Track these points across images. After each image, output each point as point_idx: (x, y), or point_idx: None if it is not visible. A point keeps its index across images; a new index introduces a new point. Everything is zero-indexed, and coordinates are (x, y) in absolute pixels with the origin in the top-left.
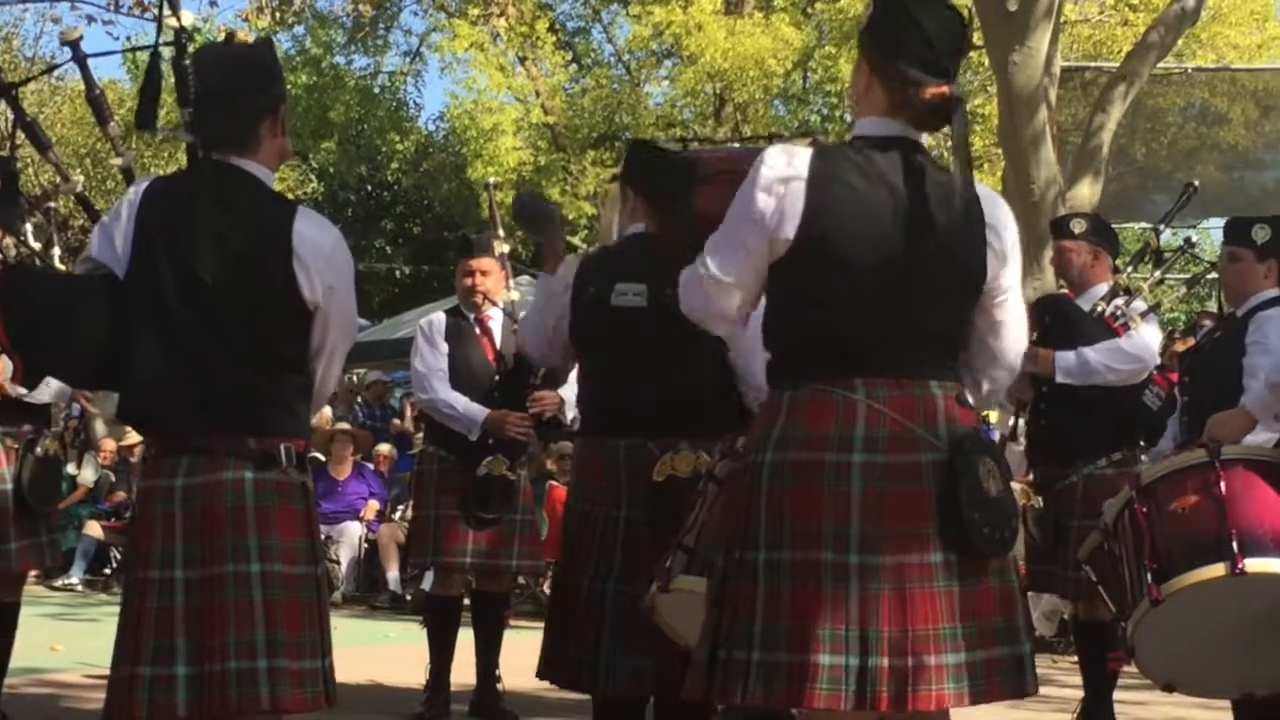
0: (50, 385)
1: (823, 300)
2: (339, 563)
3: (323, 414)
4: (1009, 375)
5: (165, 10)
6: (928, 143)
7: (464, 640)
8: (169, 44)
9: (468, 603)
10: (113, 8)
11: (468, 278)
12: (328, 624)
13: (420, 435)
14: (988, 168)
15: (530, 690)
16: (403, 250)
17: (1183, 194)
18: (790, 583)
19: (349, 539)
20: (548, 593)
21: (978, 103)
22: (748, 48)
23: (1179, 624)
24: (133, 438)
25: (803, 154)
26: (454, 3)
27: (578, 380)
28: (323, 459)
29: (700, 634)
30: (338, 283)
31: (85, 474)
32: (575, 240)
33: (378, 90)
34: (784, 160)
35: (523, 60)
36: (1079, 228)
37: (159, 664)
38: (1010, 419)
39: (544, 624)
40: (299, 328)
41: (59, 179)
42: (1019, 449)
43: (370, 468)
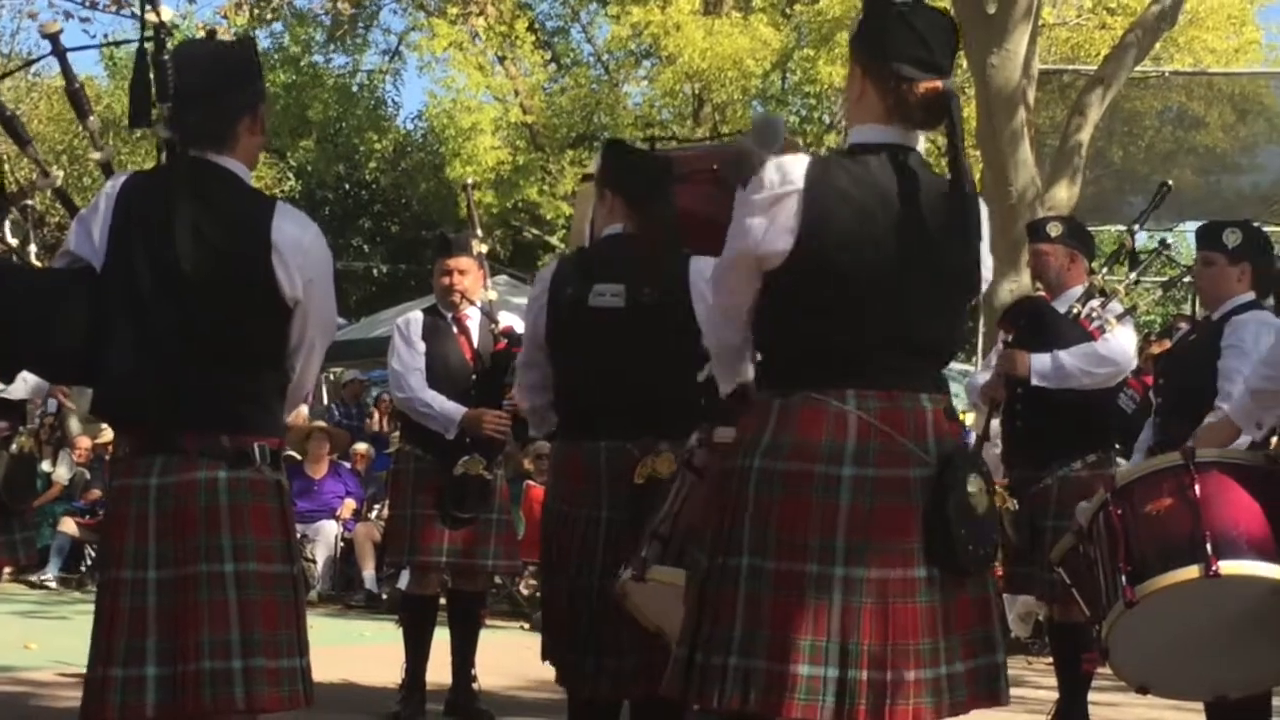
0: (26, 381)
1: (817, 309)
2: (315, 562)
3: (299, 412)
4: None
5: (146, 6)
6: (926, 149)
7: (440, 639)
8: (148, 39)
9: (444, 602)
10: (90, 4)
11: (445, 277)
12: (304, 622)
13: (396, 434)
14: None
15: (506, 689)
16: (380, 249)
17: (1157, 194)
18: (772, 592)
19: (325, 538)
20: (524, 593)
21: None
22: (726, 48)
23: (1153, 626)
24: (108, 435)
25: (798, 164)
26: (433, 2)
27: (554, 382)
28: (299, 458)
29: (680, 633)
30: (317, 278)
31: (60, 471)
32: (553, 240)
33: (356, 89)
34: (778, 177)
35: (501, 60)
36: (1055, 231)
37: (130, 665)
38: (984, 420)
39: (542, 621)
40: (278, 324)
41: (37, 175)
42: (996, 450)
43: (347, 467)
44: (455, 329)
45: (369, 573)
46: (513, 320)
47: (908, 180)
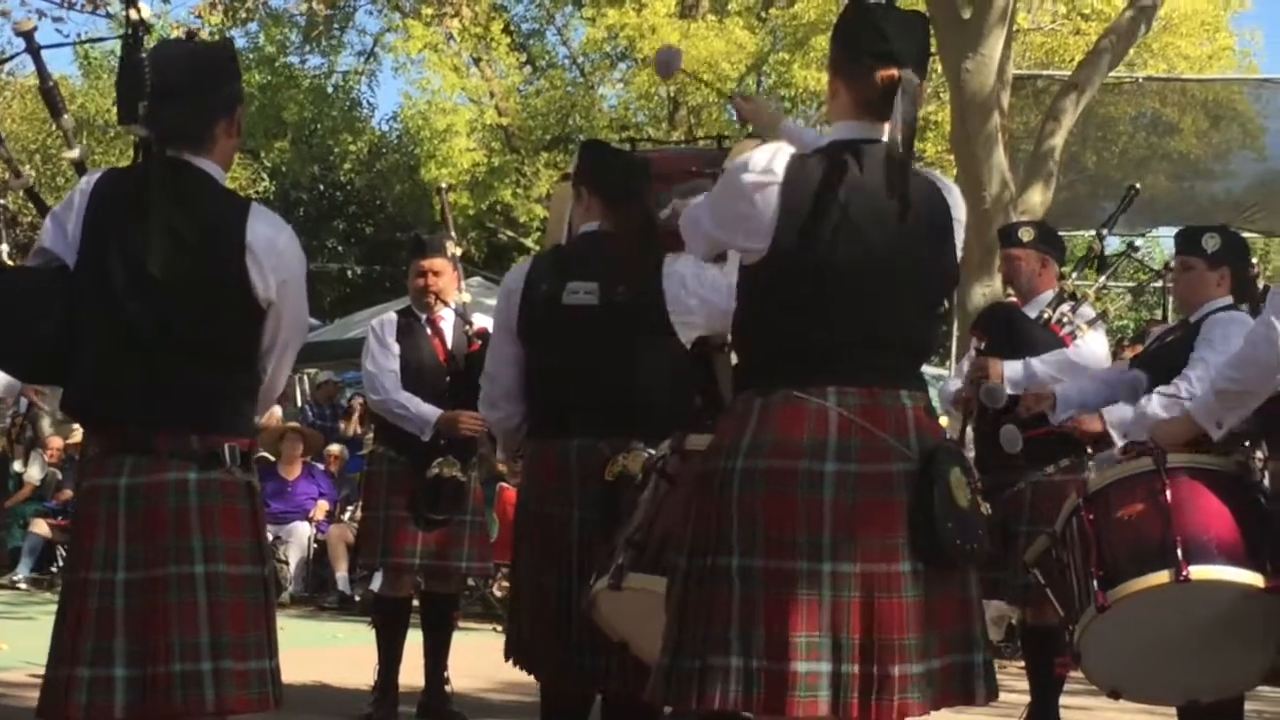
0: None
1: (794, 306)
2: (288, 563)
3: (273, 413)
4: None
5: (128, 2)
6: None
7: (413, 642)
8: (125, 37)
9: (417, 604)
10: (65, 4)
11: (420, 278)
12: (274, 624)
13: (370, 436)
14: (940, 174)
15: (479, 691)
16: (354, 250)
17: (1125, 196)
18: (764, 590)
19: (298, 539)
20: (497, 595)
21: (931, 109)
22: (701, 51)
23: (1124, 630)
24: (80, 436)
25: (782, 156)
26: (408, 3)
27: (526, 380)
28: (273, 459)
29: (664, 638)
30: (290, 280)
31: (32, 471)
32: (528, 242)
33: (331, 90)
34: (764, 161)
35: (477, 61)
36: (1027, 236)
37: (98, 665)
38: (960, 426)
39: (506, 620)
40: (250, 325)
41: (9, 174)
42: (969, 455)
43: (320, 468)
44: (429, 330)
45: (342, 574)
46: (487, 322)
47: (884, 176)
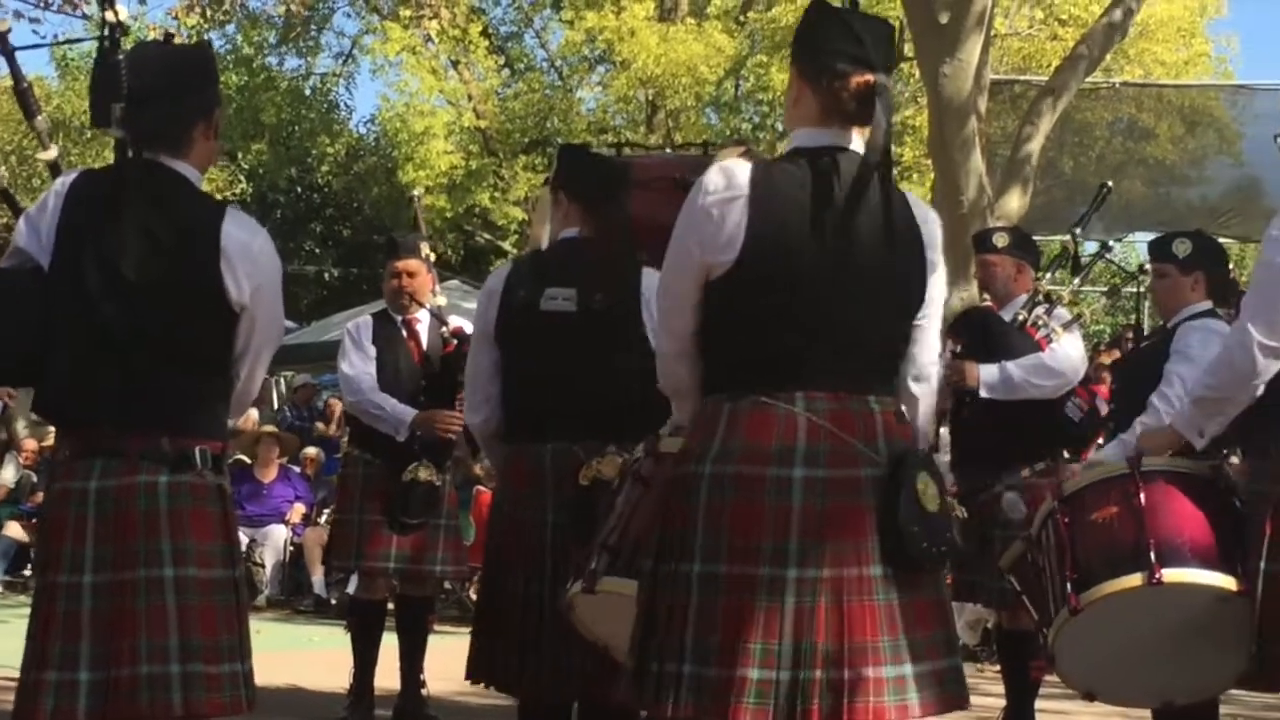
0: None
1: (762, 314)
2: (264, 566)
3: (249, 416)
4: (929, 389)
5: (104, 4)
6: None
7: (388, 645)
8: (104, 38)
9: (392, 607)
10: (42, 4)
11: (395, 279)
12: (246, 627)
13: (345, 439)
14: (917, 178)
15: (454, 695)
16: (332, 253)
17: (1097, 195)
18: (724, 597)
19: (274, 542)
20: (473, 598)
21: (908, 114)
22: (680, 54)
23: (1098, 633)
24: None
25: (742, 170)
26: (386, 5)
27: (504, 385)
28: (249, 461)
29: (631, 642)
30: (265, 285)
31: (6, 474)
32: (505, 245)
33: (309, 92)
34: (723, 182)
35: (455, 64)
36: (1002, 241)
37: (64, 669)
38: (933, 429)
39: (472, 627)
40: (224, 329)
41: None
42: (945, 459)
43: (296, 471)
44: (405, 333)
45: (318, 577)
46: (463, 323)
47: (849, 183)
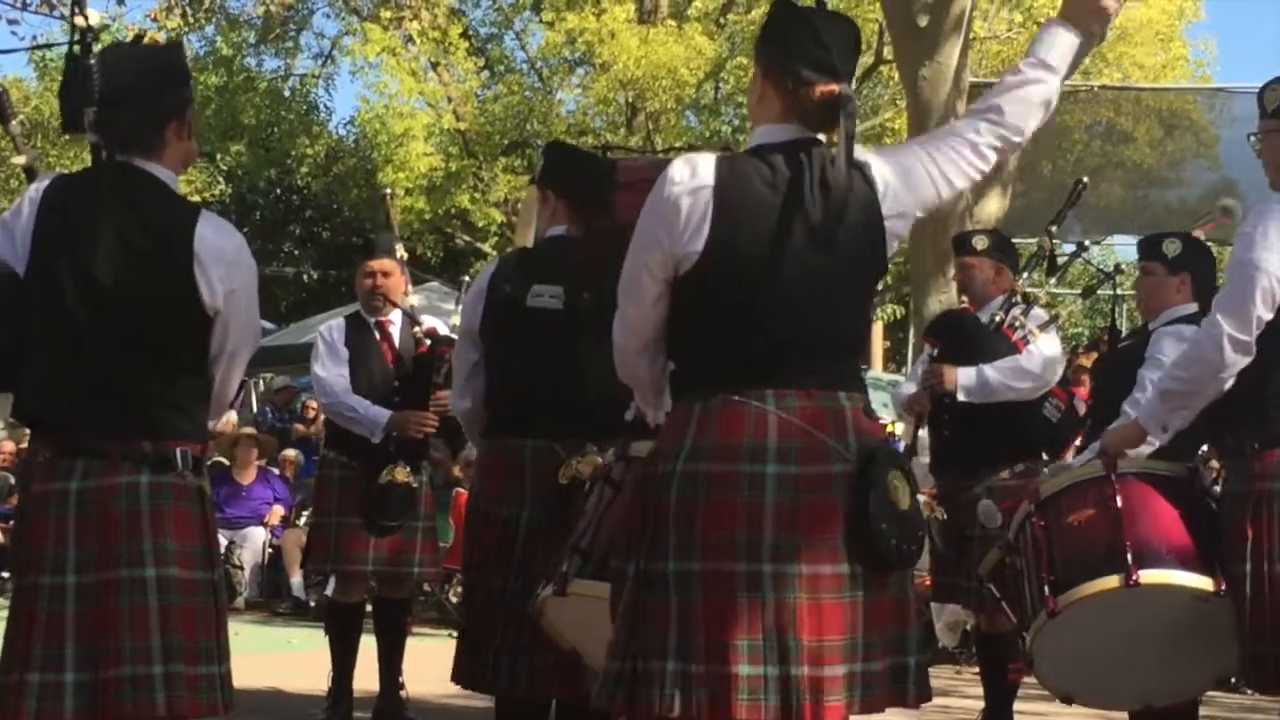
0: None
1: (731, 311)
2: (242, 568)
3: (228, 418)
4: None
5: (74, 9)
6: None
7: (367, 647)
8: (76, 42)
9: (370, 609)
10: (19, 5)
11: (369, 278)
12: (225, 629)
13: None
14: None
15: (433, 697)
16: (311, 254)
17: (1073, 190)
18: (703, 594)
19: (253, 544)
20: (452, 600)
21: (888, 116)
22: (660, 57)
23: (1076, 635)
24: None
25: (706, 162)
26: (366, 6)
27: (486, 380)
28: (228, 463)
29: (612, 645)
30: (240, 289)
31: None
32: (485, 247)
33: (288, 93)
34: (688, 172)
35: (434, 65)
36: (981, 244)
37: (48, 670)
38: (912, 431)
39: (460, 629)
40: (198, 332)
41: None
42: (924, 461)
43: (275, 473)
44: (378, 335)
45: (297, 579)
46: (437, 323)
47: (814, 175)
